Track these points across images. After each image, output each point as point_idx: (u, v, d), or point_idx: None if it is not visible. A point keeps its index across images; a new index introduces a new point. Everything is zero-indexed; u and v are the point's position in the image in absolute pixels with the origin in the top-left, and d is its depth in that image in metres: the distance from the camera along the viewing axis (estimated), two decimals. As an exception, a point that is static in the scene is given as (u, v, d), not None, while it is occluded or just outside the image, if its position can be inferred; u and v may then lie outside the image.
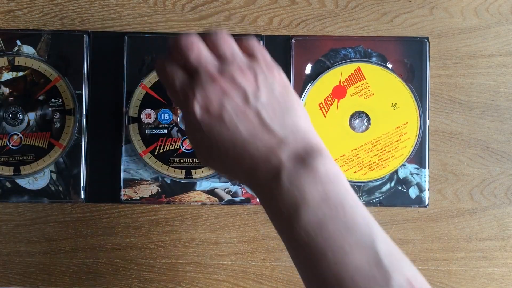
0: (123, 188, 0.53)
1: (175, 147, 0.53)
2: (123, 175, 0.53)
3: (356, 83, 0.54)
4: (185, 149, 0.53)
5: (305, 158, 0.37)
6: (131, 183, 0.53)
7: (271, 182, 0.37)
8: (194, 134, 0.40)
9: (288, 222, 0.36)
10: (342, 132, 0.54)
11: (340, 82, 0.54)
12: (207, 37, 0.41)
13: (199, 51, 0.39)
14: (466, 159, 0.54)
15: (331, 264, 0.35)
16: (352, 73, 0.54)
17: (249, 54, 0.41)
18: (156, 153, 0.53)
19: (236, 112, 0.38)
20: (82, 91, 0.53)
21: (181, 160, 0.53)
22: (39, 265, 0.53)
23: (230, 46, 0.40)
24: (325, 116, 0.54)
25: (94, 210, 0.53)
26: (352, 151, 0.54)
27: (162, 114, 0.53)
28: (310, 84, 0.54)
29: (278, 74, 0.40)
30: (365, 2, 0.55)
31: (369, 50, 0.54)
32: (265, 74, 0.39)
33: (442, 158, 0.54)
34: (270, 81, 0.39)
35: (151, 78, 0.53)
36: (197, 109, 0.38)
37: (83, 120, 0.53)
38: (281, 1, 0.55)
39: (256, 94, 0.38)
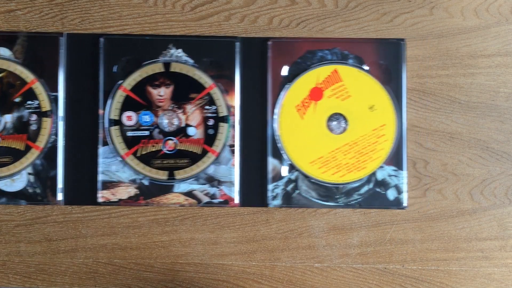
0: (101, 190, 0.53)
1: (157, 149, 0.53)
2: (100, 177, 0.53)
3: (333, 85, 0.54)
4: (167, 150, 0.53)
5: None
6: (109, 185, 0.53)
7: None
8: None
9: None
10: (320, 134, 0.54)
11: (317, 84, 0.54)
12: None
13: None
14: (466, 159, 0.54)
15: None
16: (329, 75, 0.54)
17: None
18: (138, 155, 0.53)
19: None
20: (58, 93, 0.53)
21: (164, 161, 0.53)
22: (39, 265, 0.53)
23: None
24: (302, 118, 0.54)
25: (94, 210, 0.53)
26: (329, 153, 0.54)
27: (143, 116, 0.53)
28: (287, 86, 0.54)
29: None
30: (365, 2, 0.55)
31: (346, 52, 0.54)
32: None
33: (442, 158, 0.54)
34: None
35: (131, 80, 0.53)
36: None
37: (60, 122, 0.53)
38: (281, 1, 0.55)
39: None
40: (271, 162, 0.53)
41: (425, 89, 0.55)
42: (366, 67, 0.54)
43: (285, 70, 0.54)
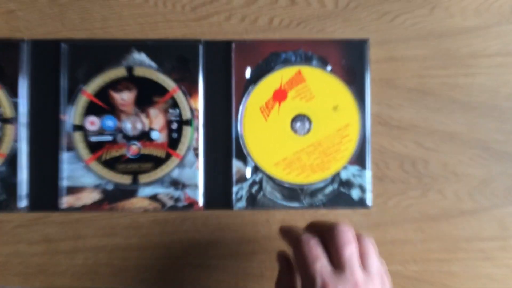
0: (65, 196, 0.52)
1: (121, 153, 0.53)
2: (64, 183, 0.52)
3: (296, 86, 0.54)
4: (130, 154, 0.53)
5: None
6: (73, 190, 0.53)
7: None
8: None
9: None
10: (284, 135, 0.54)
11: (280, 85, 0.54)
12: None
13: (352, 251, 0.42)
14: (467, 159, 0.54)
15: None
16: (292, 76, 0.54)
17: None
18: (102, 160, 0.53)
19: None
20: (19, 99, 0.52)
21: (128, 166, 0.53)
22: (39, 265, 0.53)
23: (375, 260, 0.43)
24: (266, 120, 0.54)
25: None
26: (294, 154, 0.54)
27: (106, 121, 0.53)
28: (251, 87, 0.54)
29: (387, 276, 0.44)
30: (365, 2, 0.55)
31: (310, 53, 0.54)
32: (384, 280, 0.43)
33: (442, 158, 0.54)
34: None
35: (94, 85, 0.53)
36: None
37: (23, 129, 0.53)
38: (281, 1, 0.55)
39: None
40: (235, 164, 0.53)
41: (425, 89, 0.55)
42: (329, 68, 0.54)
43: (248, 72, 0.54)
